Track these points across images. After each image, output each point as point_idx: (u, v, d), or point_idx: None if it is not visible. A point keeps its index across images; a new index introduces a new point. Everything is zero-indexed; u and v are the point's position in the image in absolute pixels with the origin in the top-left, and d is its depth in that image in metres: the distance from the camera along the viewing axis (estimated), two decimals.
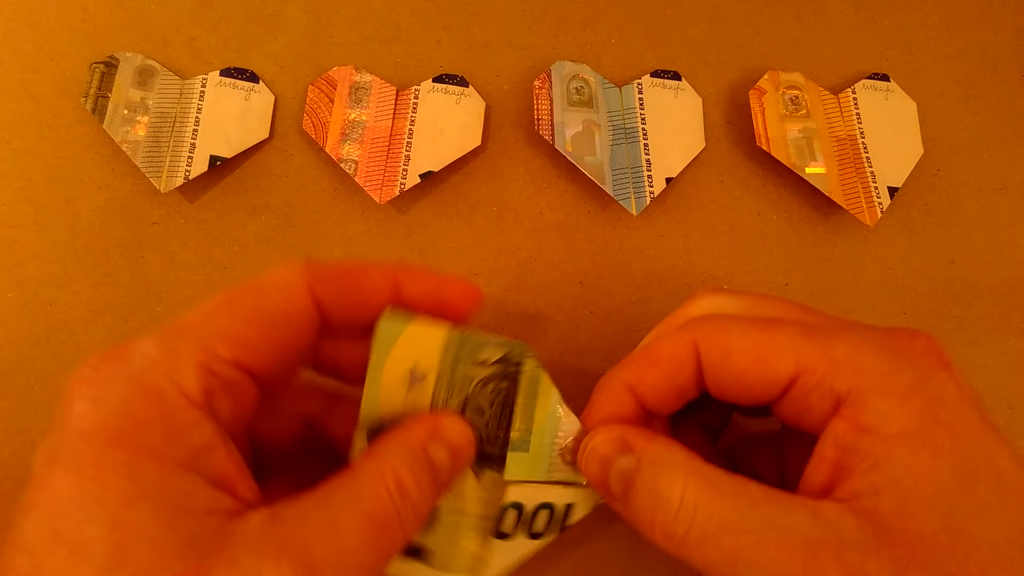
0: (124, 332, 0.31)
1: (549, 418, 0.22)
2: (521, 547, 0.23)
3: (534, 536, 0.23)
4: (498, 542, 0.22)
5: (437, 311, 0.23)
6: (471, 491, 0.23)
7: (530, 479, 0.22)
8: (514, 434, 0.22)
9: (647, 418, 0.24)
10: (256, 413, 0.21)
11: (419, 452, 0.21)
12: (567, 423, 0.22)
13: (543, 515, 0.23)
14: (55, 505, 0.16)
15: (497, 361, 0.22)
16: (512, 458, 0.22)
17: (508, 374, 0.22)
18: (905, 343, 0.21)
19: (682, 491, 0.19)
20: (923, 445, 0.18)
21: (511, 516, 0.22)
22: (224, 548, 0.16)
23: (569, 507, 0.23)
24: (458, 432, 0.22)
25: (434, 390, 0.22)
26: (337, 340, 0.23)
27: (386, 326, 0.21)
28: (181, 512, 0.17)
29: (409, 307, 0.22)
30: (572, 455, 0.22)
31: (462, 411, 0.22)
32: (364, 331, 0.22)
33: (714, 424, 0.27)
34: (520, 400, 0.22)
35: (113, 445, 0.17)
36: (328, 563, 0.17)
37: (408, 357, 0.22)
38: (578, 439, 0.22)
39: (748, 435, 0.28)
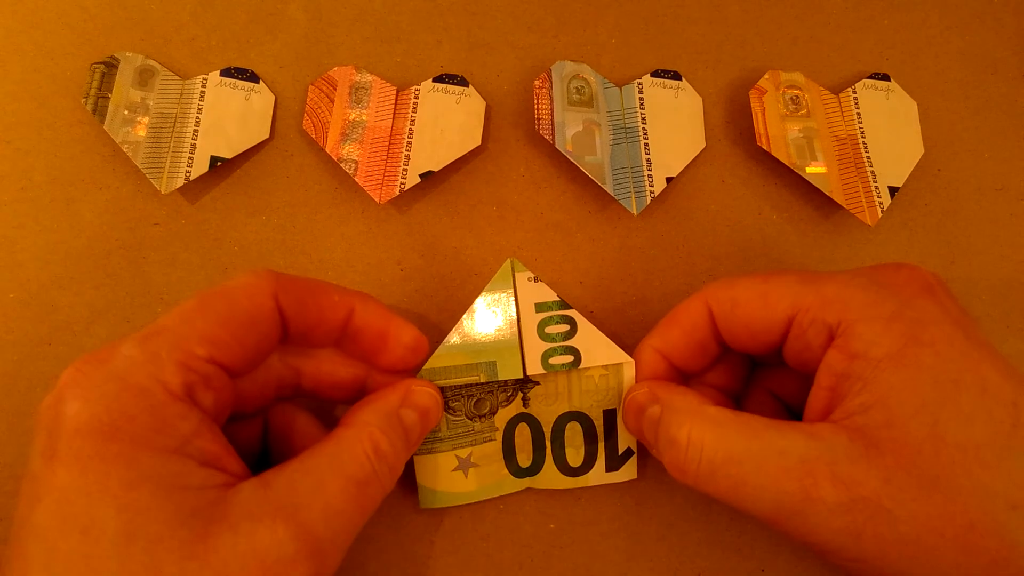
0: (126, 332, 0.31)
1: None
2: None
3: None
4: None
5: (379, 347, 0.25)
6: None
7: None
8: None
9: (680, 378, 0.27)
10: (234, 398, 0.23)
11: (393, 417, 0.23)
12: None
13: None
14: (62, 495, 0.18)
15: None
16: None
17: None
18: (890, 275, 0.23)
19: (689, 432, 0.22)
20: (905, 364, 0.20)
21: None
22: (224, 517, 0.18)
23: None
24: (427, 396, 0.25)
25: None
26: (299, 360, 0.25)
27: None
28: (179, 490, 0.18)
29: (356, 335, 0.25)
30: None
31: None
32: (320, 343, 0.25)
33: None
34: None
35: (109, 439, 0.18)
36: (317, 521, 0.19)
37: None
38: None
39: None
